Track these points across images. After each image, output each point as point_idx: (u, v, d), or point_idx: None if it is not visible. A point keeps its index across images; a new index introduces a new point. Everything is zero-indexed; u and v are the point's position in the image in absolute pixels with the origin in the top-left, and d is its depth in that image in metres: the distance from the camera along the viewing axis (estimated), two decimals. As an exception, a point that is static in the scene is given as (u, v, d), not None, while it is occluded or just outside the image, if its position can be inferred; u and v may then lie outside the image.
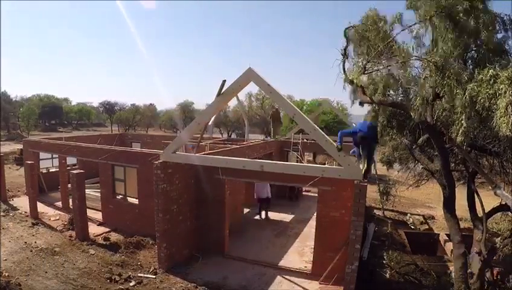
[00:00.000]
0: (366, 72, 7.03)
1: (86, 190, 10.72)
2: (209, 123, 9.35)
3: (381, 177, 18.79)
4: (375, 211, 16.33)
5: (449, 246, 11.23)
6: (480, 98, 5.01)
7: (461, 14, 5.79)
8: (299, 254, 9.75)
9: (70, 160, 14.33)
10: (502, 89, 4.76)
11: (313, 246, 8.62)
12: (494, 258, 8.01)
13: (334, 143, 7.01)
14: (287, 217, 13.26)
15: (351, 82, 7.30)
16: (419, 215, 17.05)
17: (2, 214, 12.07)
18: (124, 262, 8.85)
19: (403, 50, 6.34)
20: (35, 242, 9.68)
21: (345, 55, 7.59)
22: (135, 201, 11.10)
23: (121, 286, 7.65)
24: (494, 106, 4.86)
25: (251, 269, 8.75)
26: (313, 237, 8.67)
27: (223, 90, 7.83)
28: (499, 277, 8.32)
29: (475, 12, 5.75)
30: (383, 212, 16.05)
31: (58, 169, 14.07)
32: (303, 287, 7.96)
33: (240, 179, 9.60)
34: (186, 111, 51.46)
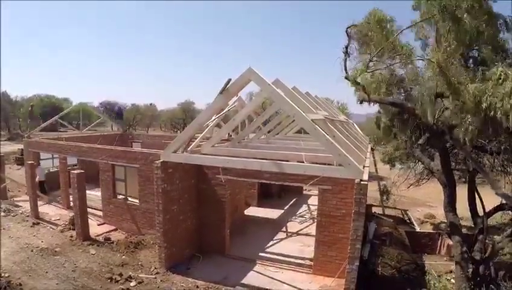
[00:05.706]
0: (368, 70, 7.02)
1: (87, 191, 10.72)
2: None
3: (382, 176, 18.78)
4: (373, 209, 16.32)
5: (449, 245, 11.23)
6: (485, 96, 4.99)
7: (464, 14, 5.78)
8: (300, 252, 9.73)
9: (71, 160, 14.31)
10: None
11: (313, 245, 8.61)
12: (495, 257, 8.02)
13: (333, 142, 6.98)
14: (282, 214, 13.37)
15: (353, 81, 7.29)
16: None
17: (2, 214, 12.07)
18: (124, 262, 8.85)
19: (406, 49, 6.34)
20: (36, 242, 9.69)
21: (346, 53, 7.58)
22: (136, 201, 11.09)
23: (121, 286, 7.65)
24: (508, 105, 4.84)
25: (251, 268, 8.75)
26: (313, 236, 8.67)
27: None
28: (497, 276, 8.33)
29: (476, 11, 5.75)
30: (383, 211, 16.04)
31: (58, 169, 14.07)
32: (304, 286, 7.96)
33: (240, 178, 9.58)
34: (187, 111, 51.37)
